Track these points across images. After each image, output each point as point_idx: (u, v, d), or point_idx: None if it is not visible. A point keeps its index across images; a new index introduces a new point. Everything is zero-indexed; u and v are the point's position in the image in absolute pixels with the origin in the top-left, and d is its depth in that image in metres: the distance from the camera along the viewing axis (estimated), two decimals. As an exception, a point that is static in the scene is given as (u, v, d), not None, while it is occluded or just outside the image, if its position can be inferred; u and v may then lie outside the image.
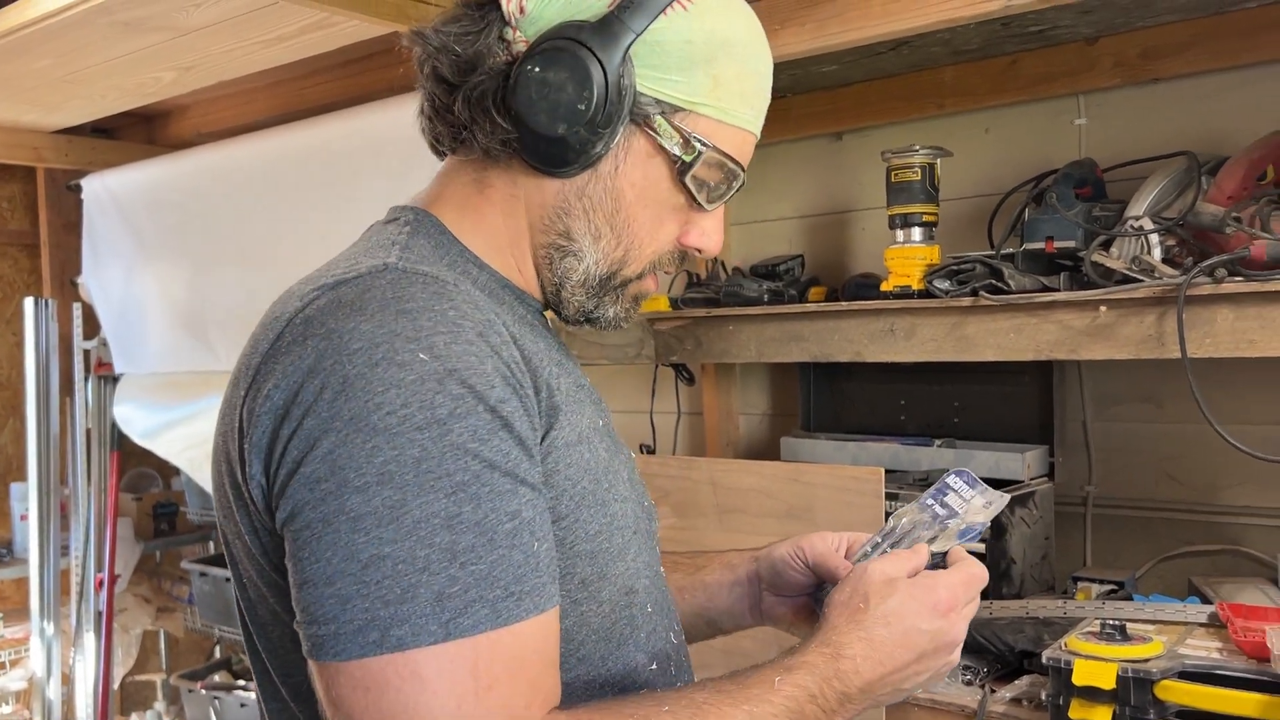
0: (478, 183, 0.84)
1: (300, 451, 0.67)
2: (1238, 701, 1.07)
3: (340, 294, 0.72)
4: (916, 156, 1.56)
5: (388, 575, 0.64)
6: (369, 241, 0.81)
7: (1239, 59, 1.53)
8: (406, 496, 0.65)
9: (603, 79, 0.77)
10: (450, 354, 0.68)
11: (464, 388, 0.68)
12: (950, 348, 1.51)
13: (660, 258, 0.85)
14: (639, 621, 0.83)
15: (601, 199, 0.81)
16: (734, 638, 1.50)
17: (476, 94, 0.79)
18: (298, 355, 0.69)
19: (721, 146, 0.80)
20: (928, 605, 0.79)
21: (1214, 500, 1.62)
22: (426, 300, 0.71)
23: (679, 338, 1.81)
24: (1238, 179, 1.37)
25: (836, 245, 1.98)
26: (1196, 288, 1.28)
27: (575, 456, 0.77)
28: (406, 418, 0.66)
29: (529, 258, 0.84)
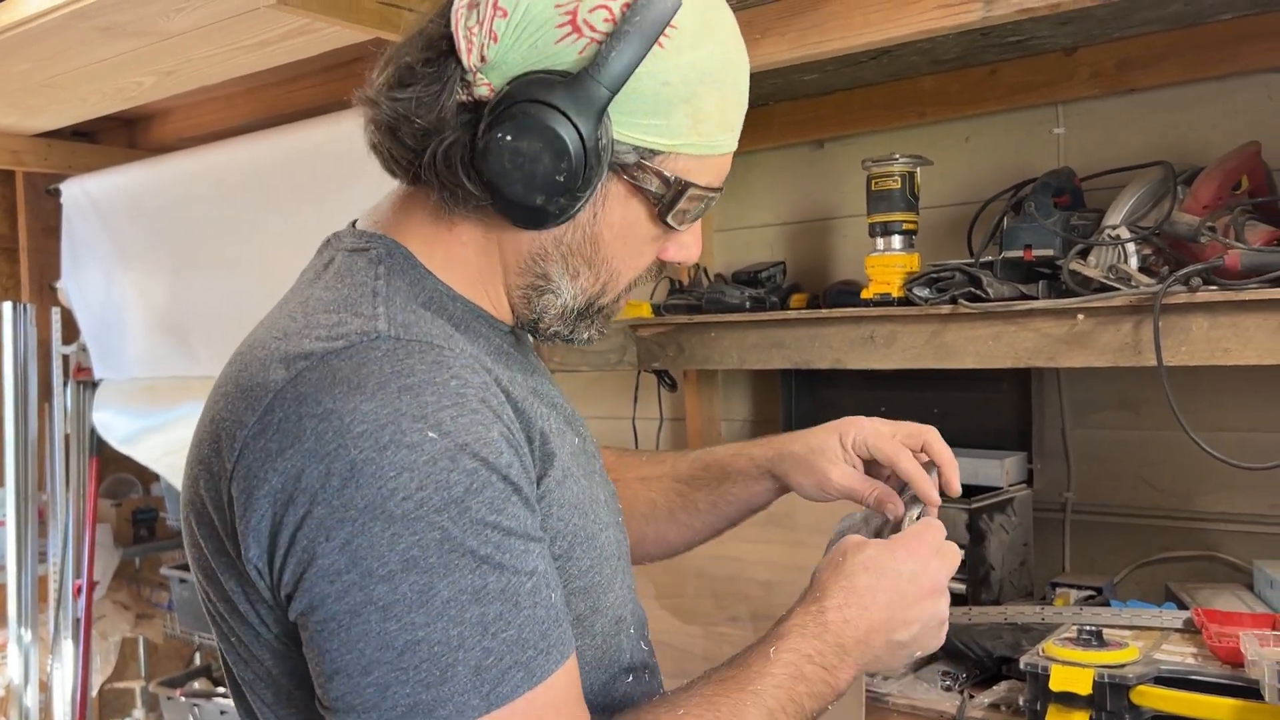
0: (445, 221, 0.81)
1: (312, 542, 0.66)
2: (1212, 707, 1.08)
3: (334, 368, 0.69)
4: (896, 165, 1.57)
5: (425, 659, 0.65)
6: (343, 283, 0.78)
7: (1214, 70, 1.55)
8: (434, 580, 0.65)
9: (580, 147, 0.73)
10: (459, 428, 0.68)
11: (477, 461, 0.67)
12: (930, 355, 1.52)
13: (639, 279, 0.85)
14: (625, 645, 0.86)
15: (580, 244, 0.80)
16: (714, 642, 1.50)
17: (442, 158, 0.76)
18: (294, 437, 0.67)
19: (702, 181, 0.79)
20: (903, 550, 0.85)
21: (1191, 506, 1.64)
22: (427, 373, 0.69)
23: (661, 344, 1.82)
24: (1213, 189, 1.39)
25: (818, 252, 1.99)
26: (1172, 296, 1.30)
27: (566, 495, 0.78)
28: (424, 501, 0.65)
29: (503, 293, 0.83)
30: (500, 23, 0.74)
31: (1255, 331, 1.27)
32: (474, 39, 0.74)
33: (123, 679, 3.00)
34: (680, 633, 1.48)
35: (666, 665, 0.98)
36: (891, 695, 1.35)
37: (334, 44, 1.78)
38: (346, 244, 0.83)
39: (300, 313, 0.76)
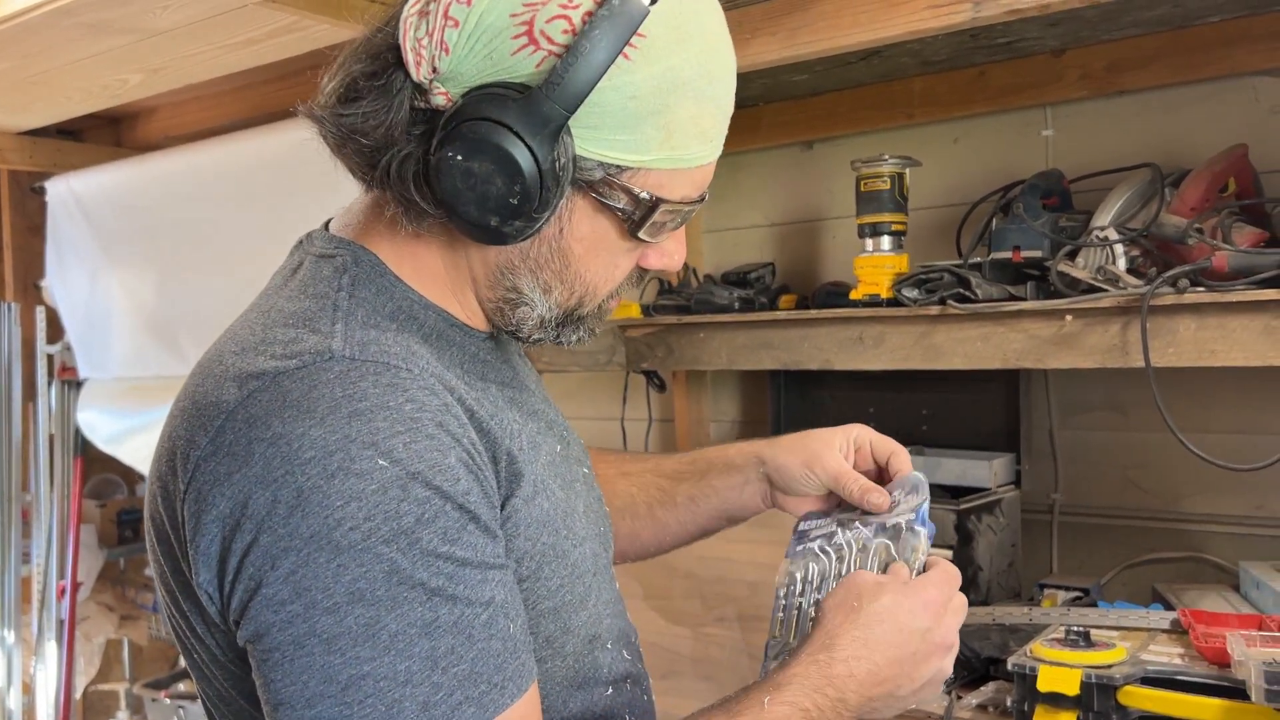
0: (411, 231, 0.77)
1: (258, 570, 0.64)
2: (1198, 707, 1.08)
3: (285, 390, 0.66)
4: (886, 166, 1.57)
5: (370, 694, 0.63)
6: (305, 294, 0.75)
7: (1201, 72, 1.55)
8: (380, 613, 0.63)
9: (534, 169, 0.69)
10: (411, 455, 0.65)
11: (429, 489, 0.65)
12: (918, 356, 1.52)
13: (620, 288, 0.82)
14: (602, 661, 0.84)
15: (548, 259, 0.76)
16: (702, 643, 1.50)
17: (396, 173, 0.73)
18: (243, 461, 0.65)
19: (674, 195, 0.75)
20: (919, 603, 0.80)
21: (1177, 508, 1.64)
22: (380, 396, 0.67)
23: (650, 345, 1.81)
24: (1200, 191, 1.39)
25: (807, 253, 1.99)
26: (1160, 298, 1.30)
27: (535, 513, 0.76)
28: (371, 531, 0.63)
29: (475, 303, 0.80)
30: (452, 33, 0.70)
31: (1242, 333, 1.28)
32: (423, 51, 0.71)
33: (107, 681, 2.98)
34: (667, 634, 1.48)
35: (655, 666, 0.97)
36: (879, 696, 1.35)
37: (322, 42, 1.77)
38: (316, 248, 0.80)
39: (260, 325, 0.74)
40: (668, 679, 1.46)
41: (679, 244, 0.82)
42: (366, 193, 0.80)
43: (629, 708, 0.86)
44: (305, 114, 0.76)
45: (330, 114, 0.74)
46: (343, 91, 0.74)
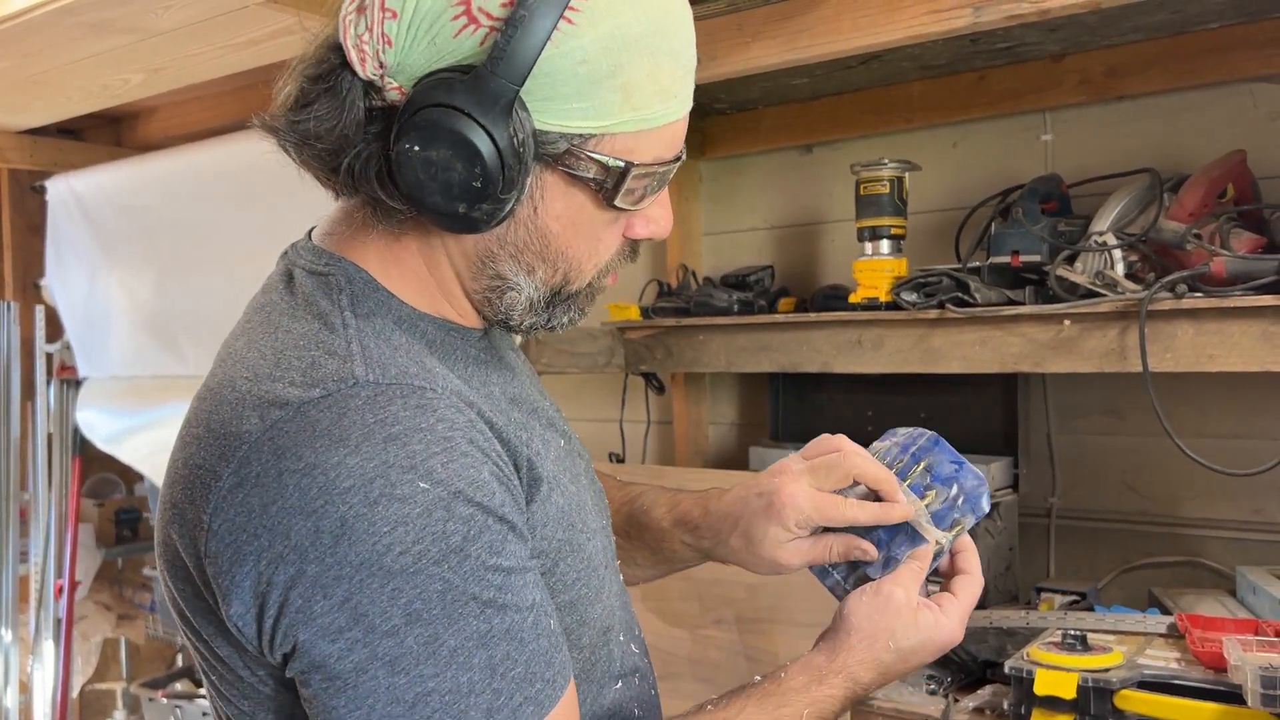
0: (390, 233, 0.76)
1: (307, 601, 0.64)
2: (1195, 711, 1.08)
3: (313, 420, 0.66)
4: (885, 170, 1.58)
5: (437, 709, 0.64)
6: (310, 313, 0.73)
7: (1200, 78, 1.56)
8: (439, 630, 0.64)
9: (492, 149, 0.68)
10: (451, 474, 0.66)
11: (472, 506, 0.66)
12: (917, 359, 1.52)
13: (610, 263, 0.80)
14: (615, 655, 0.85)
15: (527, 240, 0.75)
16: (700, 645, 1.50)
17: (359, 173, 0.72)
18: (277, 493, 0.64)
19: (645, 157, 0.74)
20: (938, 644, 0.85)
21: (1174, 512, 1.64)
22: (412, 419, 0.67)
23: (649, 347, 1.82)
24: (1199, 196, 1.40)
25: (806, 256, 2.00)
26: (1158, 303, 1.30)
27: (551, 510, 0.77)
28: (422, 554, 0.64)
29: (464, 299, 0.79)
30: (391, 25, 0.69)
31: (1240, 338, 1.28)
32: (365, 47, 0.70)
33: (104, 680, 2.98)
34: (665, 635, 1.48)
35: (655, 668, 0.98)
36: (876, 699, 1.35)
37: (323, 43, 1.77)
38: (304, 260, 0.79)
39: (269, 348, 0.72)
40: (665, 680, 1.45)
41: (664, 209, 0.80)
42: (336, 199, 0.80)
43: (637, 701, 0.87)
44: (260, 124, 0.75)
45: (284, 122, 0.74)
46: (295, 98, 0.74)
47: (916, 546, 0.87)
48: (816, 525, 0.89)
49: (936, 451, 0.91)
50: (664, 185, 0.78)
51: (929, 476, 0.90)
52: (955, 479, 0.89)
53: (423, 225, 0.76)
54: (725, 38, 1.44)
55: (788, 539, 0.89)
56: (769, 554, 0.90)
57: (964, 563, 0.90)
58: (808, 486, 0.89)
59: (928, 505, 0.88)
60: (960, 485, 0.89)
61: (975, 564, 0.90)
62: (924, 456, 0.91)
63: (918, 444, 0.93)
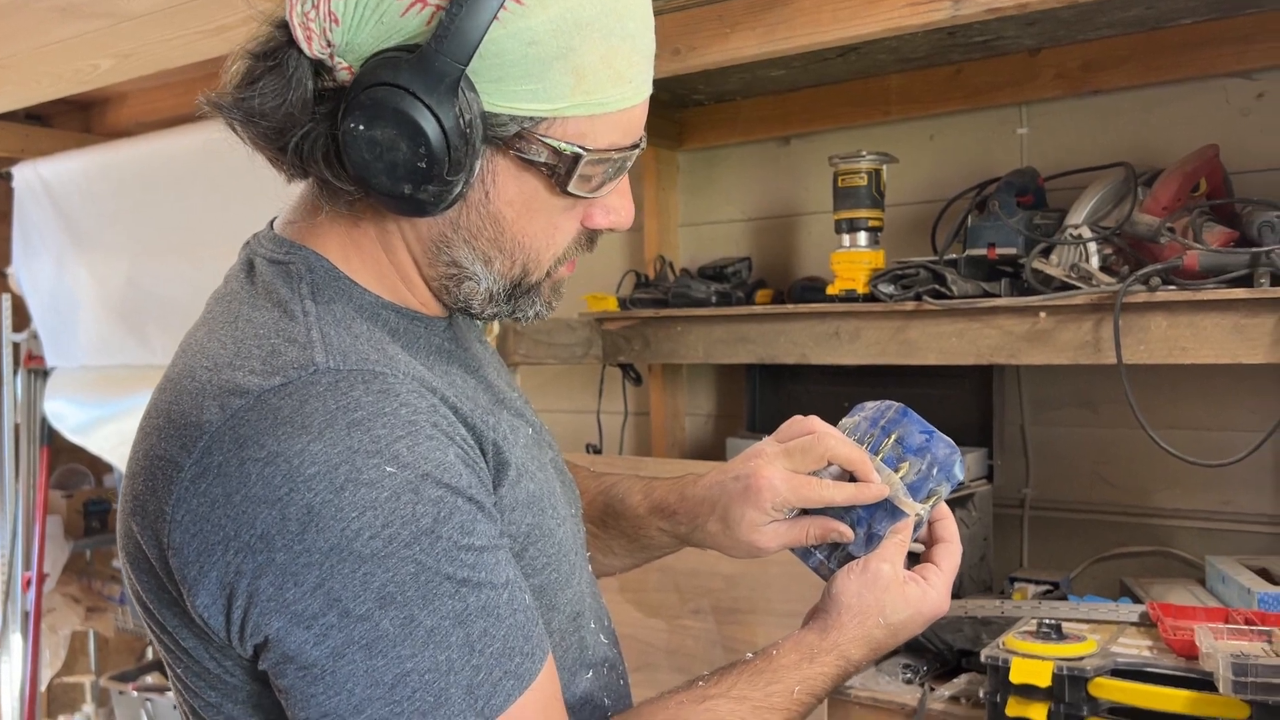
0: (348, 218, 0.76)
1: (279, 589, 0.63)
2: (1167, 698, 1.10)
3: (274, 408, 0.65)
4: (863, 162, 1.58)
5: (417, 688, 0.64)
6: (270, 302, 0.73)
7: (1174, 73, 1.57)
8: (414, 611, 0.64)
9: (438, 129, 0.67)
10: (417, 457, 0.66)
11: (440, 488, 0.66)
12: (894, 351, 1.53)
13: (567, 251, 0.79)
14: (587, 642, 0.85)
15: (480, 226, 0.74)
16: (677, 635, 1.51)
17: (307, 154, 0.71)
18: (240, 482, 0.64)
19: (600, 143, 0.72)
20: (926, 616, 0.85)
21: (1145, 503, 1.67)
22: (374, 404, 0.66)
23: (627, 338, 1.81)
24: (1172, 190, 1.41)
25: (783, 248, 2.00)
26: (1132, 295, 1.32)
27: (520, 495, 0.76)
28: (392, 537, 0.63)
29: (424, 286, 0.78)
30: (338, 2, 0.68)
31: (1212, 331, 1.30)
32: (311, 25, 0.69)
33: (73, 673, 2.95)
34: (643, 626, 1.48)
35: (629, 658, 0.98)
36: (853, 688, 1.36)
37: (298, 30, 1.75)
38: (265, 251, 0.78)
39: (229, 337, 0.71)
40: (642, 671, 1.46)
41: (624, 199, 0.79)
42: (289, 181, 0.78)
43: (607, 691, 0.87)
44: (205, 102, 0.73)
45: (230, 99, 0.72)
46: (241, 75, 0.72)
47: (896, 520, 0.87)
48: (794, 508, 0.89)
49: (906, 423, 0.91)
50: (622, 173, 0.77)
51: (901, 448, 0.89)
52: (927, 449, 0.89)
53: (378, 210, 0.75)
54: (705, 28, 1.44)
55: (765, 522, 0.89)
56: (746, 537, 0.89)
57: (943, 531, 0.90)
58: (783, 469, 0.88)
59: (902, 477, 0.88)
60: (932, 454, 0.89)
61: (953, 531, 0.90)
62: (894, 429, 0.91)
63: (886, 416, 0.92)
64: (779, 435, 0.92)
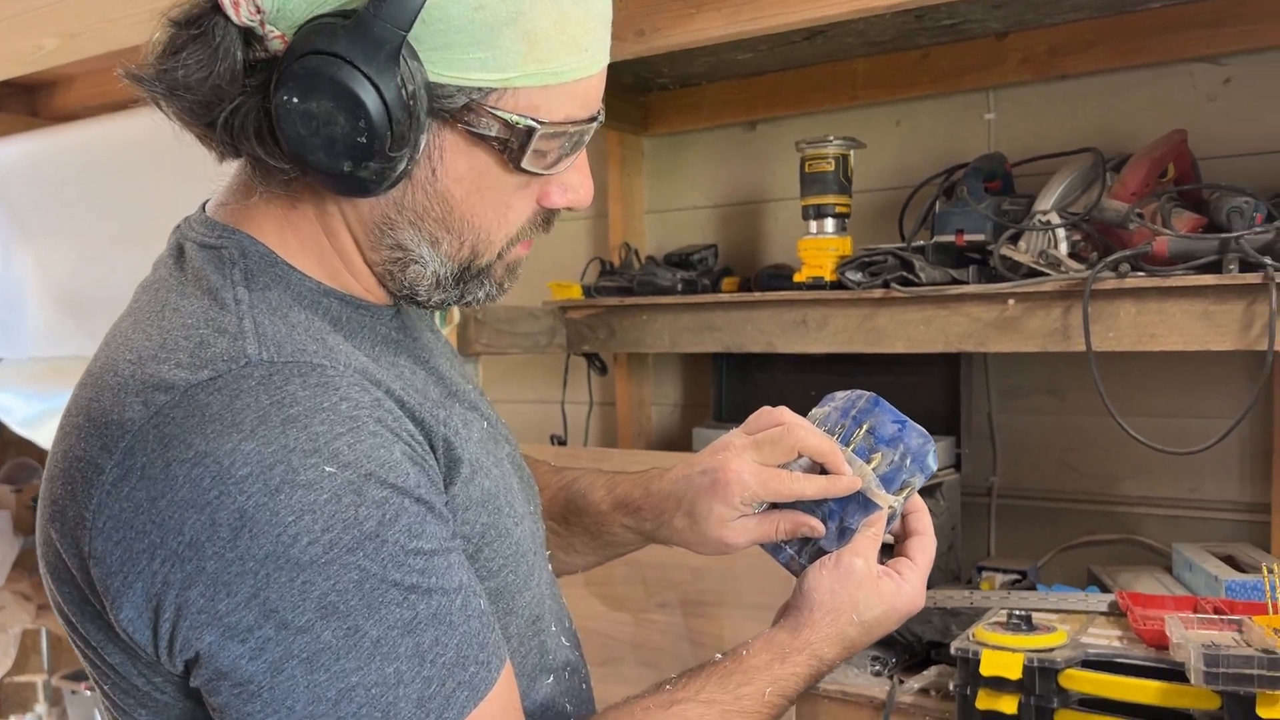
0: (285, 199, 0.71)
1: (209, 600, 0.59)
2: (1138, 689, 1.09)
3: (202, 404, 0.60)
4: (830, 147, 1.56)
5: (363, 703, 0.59)
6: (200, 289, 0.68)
7: (1141, 58, 1.56)
8: (358, 621, 0.59)
9: (378, 101, 0.62)
10: (359, 455, 0.61)
11: (385, 488, 0.62)
12: (861, 339, 1.51)
13: (521, 232, 0.74)
14: (548, 646, 0.82)
15: (427, 206, 0.69)
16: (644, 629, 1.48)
17: (237, 130, 0.66)
18: (166, 485, 0.59)
19: (554, 115, 0.68)
20: (901, 612, 0.83)
21: (1112, 491, 1.66)
22: (311, 399, 0.61)
23: (592, 326, 1.78)
24: (1140, 176, 1.40)
25: (749, 235, 1.97)
26: (1101, 282, 1.30)
27: (474, 493, 0.72)
28: (333, 543, 0.59)
29: (367, 272, 0.74)
30: None
31: (1181, 317, 1.29)
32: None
33: (24, 672, 2.87)
34: (607, 620, 1.45)
35: (594, 654, 0.95)
36: (822, 681, 1.34)
37: (249, 9, 1.69)
38: (196, 235, 0.73)
39: (155, 327, 0.66)
40: (607, 666, 1.43)
41: (582, 176, 0.74)
42: (220, 161, 0.73)
43: (568, 696, 0.84)
44: (124, 74, 0.69)
45: (151, 70, 0.67)
46: (164, 45, 0.67)
47: (869, 513, 0.84)
48: (763, 502, 0.86)
49: (877, 412, 0.88)
50: (579, 149, 0.72)
51: (873, 439, 0.87)
52: (900, 439, 0.86)
53: (317, 190, 0.70)
54: (670, 8, 1.41)
55: (734, 517, 0.85)
56: (714, 533, 0.86)
57: (916, 523, 0.88)
58: (752, 462, 0.85)
59: (875, 469, 0.85)
60: (905, 445, 0.86)
61: (928, 523, 0.88)
62: (865, 419, 0.88)
63: (857, 406, 0.89)
64: (747, 427, 0.89)
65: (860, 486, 0.84)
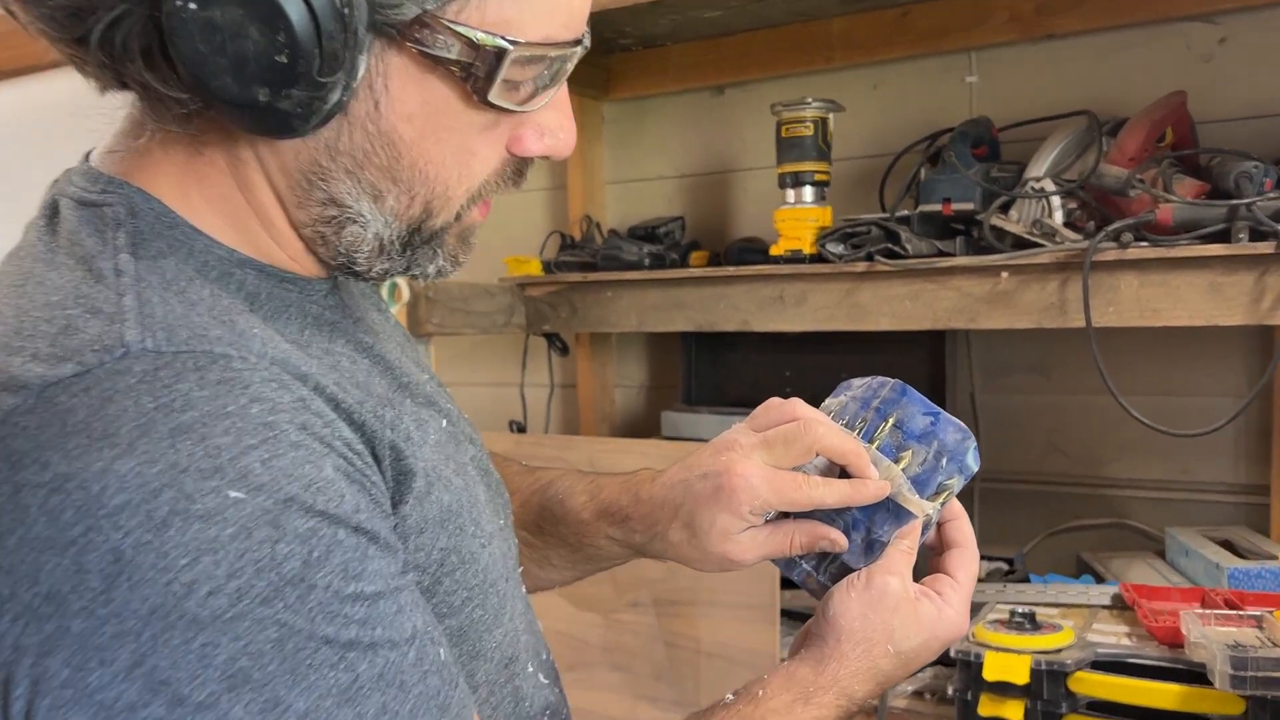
0: (187, 142, 0.57)
1: (76, 670, 0.45)
2: (1155, 693, 1.01)
3: (61, 408, 0.46)
4: (809, 110, 1.45)
5: None
6: (71, 259, 0.54)
7: (1133, 17, 1.48)
8: (279, 692, 0.46)
9: (303, 7, 0.49)
10: (275, 475, 0.47)
11: (312, 517, 0.48)
12: (843, 315, 1.41)
13: (485, 187, 0.61)
14: (524, 692, 0.68)
15: (369, 150, 0.56)
16: (614, 630, 1.38)
17: (119, 46, 0.51)
18: (13, 518, 0.45)
19: (531, 35, 0.54)
20: (943, 640, 0.70)
21: (1100, 473, 1.59)
22: (211, 400, 0.47)
23: (552, 304, 1.67)
24: (1139, 140, 1.31)
25: (718, 207, 1.87)
26: (1101, 253, 1.22)
27: (430, 511, 0.59)
28: (243, 592, 0.45)
29: (293, 235, 0.60)
30: None
31: (1186, 291, 1.21)
32: None
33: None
34: (575, 621, 1.35)
35: (562, 657, 0.84)
36: (807, 684, 1.25)
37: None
38: (75, 189, 0.58)
39: (10, 308, 0.52)
40: (576, 670, 1.33)
41: (563, 117, 0.61)
42: (102, 92, 0.59)
43: None
44: None
45: None
46: None
47: (901, 523, 0.72)
48: (774, 510, 0.74)
49: (905, 403, 0.75)
50: (560, 81, 0.59)
51: (901, 434, 0.74)
52: (933, 434, 0.74)
53: (227, 130, 0.55)
54: (636, -44, 1.30)
55: (740, 529, 0.72)
56: (718, 548, 0.73)
57: (956, 534, 0.75)
58: (762, 464, 0.72)
59: (905, 470, 0.73)
60: (940, 440, 0.74)
61: (969, 534, 0.75)
62: (891, 411, 0.75)
63: (880, 395, 0.77)
64: (754, 422, 0.76)
65: (890, 492, 0.72)
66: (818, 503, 0.72)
